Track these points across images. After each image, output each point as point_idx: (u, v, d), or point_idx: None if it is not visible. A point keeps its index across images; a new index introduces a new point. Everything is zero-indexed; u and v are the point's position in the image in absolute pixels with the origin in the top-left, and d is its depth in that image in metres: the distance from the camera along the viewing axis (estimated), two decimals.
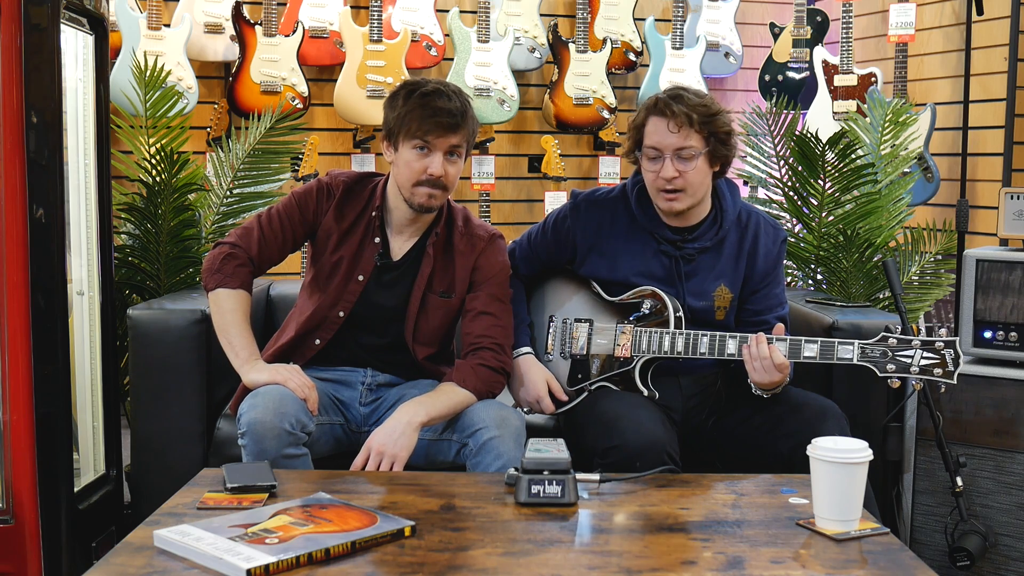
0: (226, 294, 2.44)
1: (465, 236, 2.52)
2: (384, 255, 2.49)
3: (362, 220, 2.50)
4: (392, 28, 4.52)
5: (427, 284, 2.49)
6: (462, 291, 2.51)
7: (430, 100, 2.35)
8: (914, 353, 2.28)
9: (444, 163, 2.37)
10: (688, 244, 2.51)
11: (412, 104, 2.36)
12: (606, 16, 4.87)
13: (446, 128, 2.35)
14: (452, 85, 2.44)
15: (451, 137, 2.36)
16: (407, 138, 2.37)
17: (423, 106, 2.35)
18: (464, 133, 2.38)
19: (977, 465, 2.65)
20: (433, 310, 2.50)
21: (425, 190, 2.39)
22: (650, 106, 2.45)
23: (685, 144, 2.39)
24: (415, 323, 2.49)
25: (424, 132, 2.35)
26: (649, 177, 2.45)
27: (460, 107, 2.37)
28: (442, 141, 2.36)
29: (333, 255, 2.49)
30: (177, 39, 4.26)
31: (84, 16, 2.61)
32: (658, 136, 2.41)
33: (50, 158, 2.33)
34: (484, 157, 4.68)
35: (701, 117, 2.39)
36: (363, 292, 2.48)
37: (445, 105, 2.35)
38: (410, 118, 2.35)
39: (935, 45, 4.44)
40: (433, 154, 2.37)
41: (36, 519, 2.33)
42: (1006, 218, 2.78)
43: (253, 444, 2.19)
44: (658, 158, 2.41)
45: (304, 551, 1.61)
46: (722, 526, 1.84)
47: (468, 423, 2.32)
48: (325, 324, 2.49)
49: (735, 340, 2.39)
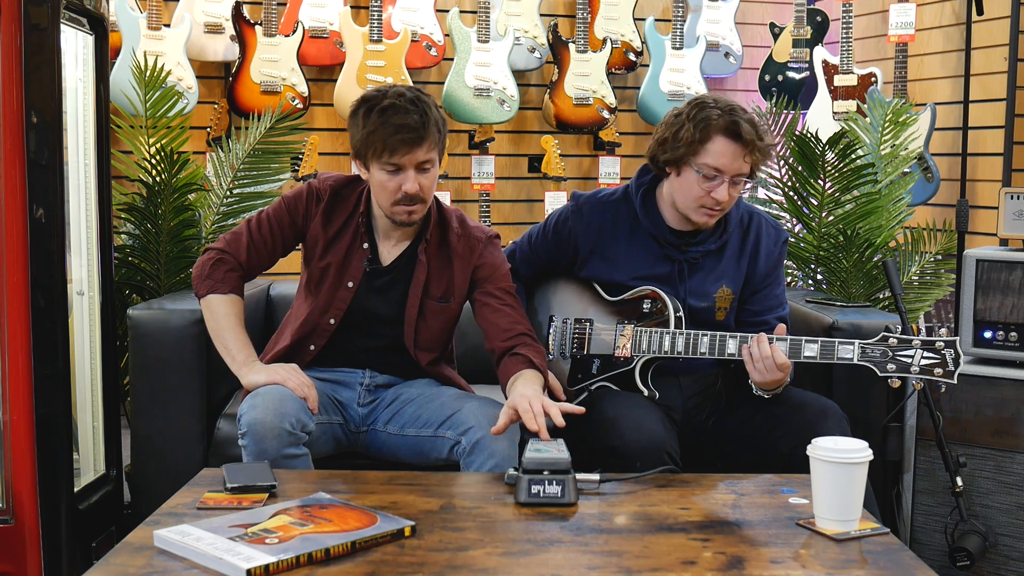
0: (218, 300, 2.44)
1: (463, 238, 2.49)
2: (373, 260, 2.47)
3: (350, 226, 2.47)
4: (392, 28, 4.52)
5: (424, 291, 2.47)
6: (461, 294, 2.50)
7: (388, 117, 2.28)
8: (914, 353, 2.27)
9: (417, 178, 2.32)
10: (692, 248, 2.50)
11: (372, 124, 2.30)
12: (606, 16, 4.87)
13: (410, 144, 2.28)
14: (410, 93, 2.33)
15: (417, 152, 2.30)
16: (374, 159, 2.33)
17: (383, 124, 2.28)
18: (429, 143, 2.31)
19: (977, 465, 2.65)
20: (432, 316, 2.48)
21: (403, 208, 2.35)
22: (721, 126, 2.34)
23: (745, 172, 2.38)
24: (415, 330, 2.48)
25: (390, 153, 2.29)
26: (696, 192, 2.38)
27: (419, 119, 2.29)
28: (409, 159, 2.30)
29: (321, 261, 2.48)
30: (177, 39, 4.26)
31: (84, 16, 2.61)
32: (726, 159, 2.34)
33: (50, 158, 2.33)
34: (484, 157, 4.68)
35: (765, 150, 2.38)
36: (354, 298, 2.46)
37: (403, 121, 2.27)
38: (373, 139, 2.30)
39: (935, 45, 4.44)
40: (404, 172, 2.32)
41: (36, 519, 2.33)
42: (1006, 218, 2.78)
43: (253, 444, 2.19)
44: (716, 178, 2.36)
45: (304, 551, 1.61)
46: (722, 526, 1.84)
47: (460, 421, 2.31)
48: (317, 331, 2.49)
49: (735, 340, 2.39)
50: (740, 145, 2.34)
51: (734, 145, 2.34)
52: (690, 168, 2.39)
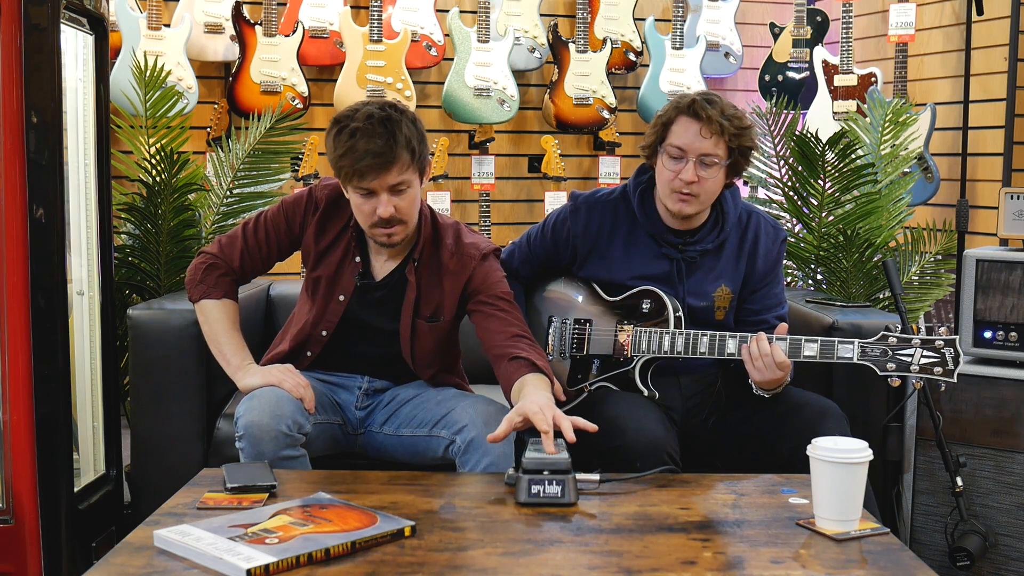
0: (211, 304, 2.45)
1: (456, 255, 2.43)
2: (365, 275, 2.44)
3: (342, 239, 2.44)
4: (392, 28, 4.52)
5: (414, 311, 2.43)
6: (451, 312, 2.45)
7: (355, 143, 2.21)
8: (914, 352, 2.27)
9: (391, 201, 2.26)
10: (690, 247, 2.50)
11: (342, 147, 2.23)
12: (606, 16, 4.87)
13: (378, 169, 2.22)
14: (380, 113, 2.24)
15: (386, 177, 2.23)
16: (346, 182, 2.29)
17: (351, 149, 2.21)
18: (400, 166, 2.23)
19: (977, 465, 2.65)
20: (424, 335, 2.46)
21: (381, 231, 2.31)
22: (682, 106, 2.40)
23: (712, 152, 2.37)
24: (411, 348, 2.46)
25: (359, 178, 2.24)
26: (666, 176, 2.41)
27: (385, 144, 2.21)
28: (379, 183, 2.24)
29: (314, 272, 2.46)
30: (177, 39, 4.26)
31: (84, 16, 2.61)
32: (687, 138, 2.38)
33: (50, 158, 2.33)
34: (484, 157, 4.68)
35: (734, 128, 2.37)
36: (347, 311, 2.44)
37: (368, 146, 2.20)
38: (342, 163, 2.24)
39: (935, 45, 4.44)
40: (377, 196, 2.26)
41: (36, 519, 2.33)
42: (1006, 218, 2.78)
43: (250, 447, 2.18)
44: (681, 159, 2.38)
45: (304, 551, 1.61)
46: (722, 526, 1.84)
47: (454, 420, 2.31)
48: (312, 340, 2.48)
49: (735, 340, 2.39)
50: (700, 123, 2.36)
51: (695, 123, 2.37)
52: (662, 154, 2.42)
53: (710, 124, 2.35)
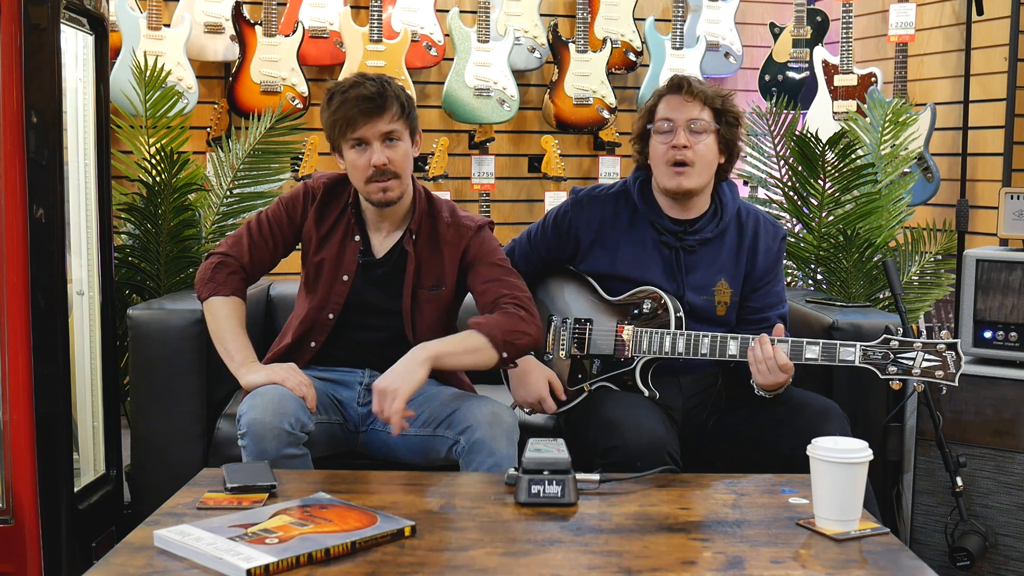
0: (220, 302, 2.46)
1: (452, 226, 2.50)
2: (366, 252, 2.50)
3: (342, 220, 2.50)
4: (392, 28, 4.52)
5: (415, 280, 2.48)
6: (452, 281, 2.50)
7: (348, 94, 2.35)
8: (916, 355, 2.27)
9: (383, 150, 2.36)
10: (689, 236, 2.51)
11: (335, 105, 2.37)
12: (606, 16, 4.87)
13: (369, 114, 2.33)
14: (375, 74, 2.41)
15: (378, 123, 2.34)
16: (342, 139, 2.38)
17: (344, 103, 2.35)
18: (390, 115, 2.35)
19: (977, 465, 2.65)
20: (426, 304, 2.49)
21: (376, 185, 2.39)
22: (662, 89, 2.53)
23: (698, 116, 2.45)
24: (412, 321, 2.49)
25: (353, 127, 2.35)
26: (660, 150, 2.47)
27: (377, 90, 2.34)
28: (371, 130, 2.34)
29: (315, 257, 2.50)
30: (177, 39, 4.26)
31: (84, 16, 2.61)
32: (672, 109, 2.47)
33: (50, 158, 2.33)
34: (484, 157, 4.68)
35: (713, 95, 2.47)
36: (351, 292, 2.48)
37: (362, 93, 2.33)
38: (336, 117, 2.36)
39: (935, 45, 4.44)
40: (370, 146, 2.36)
41: (36, 519, 2.33)
42: (1006, 218, 2.78)
43: (253, 444, 2.19)
44: (671, 131, 2.45)
45: (304, 551, 1.61)
46: (722, 526, 1.84)
47: (459, 420, 2.31)
48: (317, 327, 2.50)
49: (736, 341, 2.39)
50: (681, 94, 2.48)
51: (677, 96, 2.48)
52: (653, 134, 2.49)
53: (692, 92, 2.46)
